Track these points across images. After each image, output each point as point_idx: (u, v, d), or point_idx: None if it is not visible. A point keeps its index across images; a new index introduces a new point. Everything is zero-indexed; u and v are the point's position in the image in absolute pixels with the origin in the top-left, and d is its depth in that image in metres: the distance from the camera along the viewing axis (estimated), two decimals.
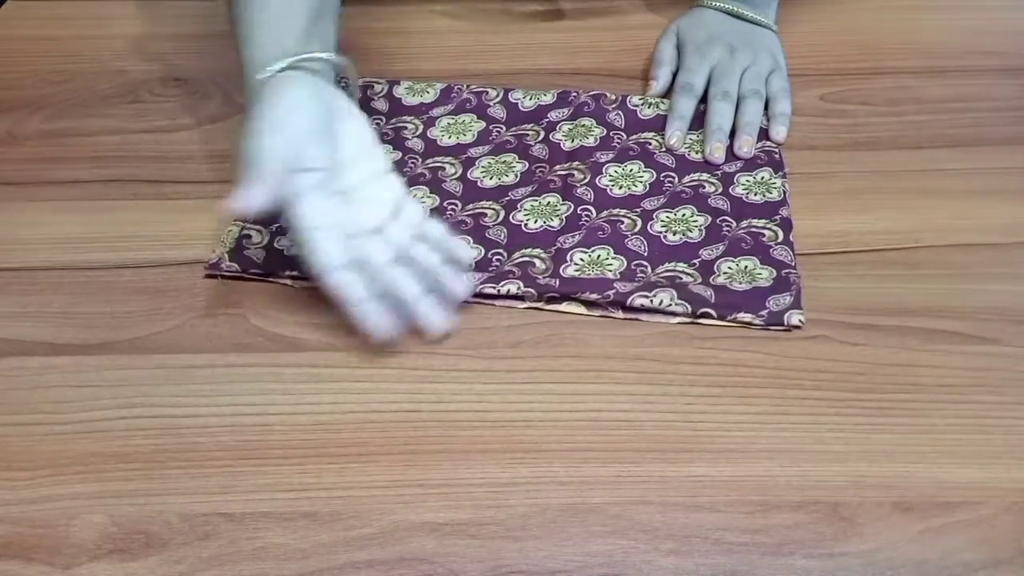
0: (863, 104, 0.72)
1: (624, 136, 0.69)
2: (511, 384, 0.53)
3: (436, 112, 0.71)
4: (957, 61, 0.76)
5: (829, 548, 0.46)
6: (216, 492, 0.49)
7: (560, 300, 0.57)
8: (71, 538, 0.47)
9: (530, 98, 0.72)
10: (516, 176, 0.66)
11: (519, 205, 0.63)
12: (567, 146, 0.68)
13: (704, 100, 0.70)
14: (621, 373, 0.54)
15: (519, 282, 0.57)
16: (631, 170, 0.66)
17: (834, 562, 0.45)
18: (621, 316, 0.57)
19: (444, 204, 0.64)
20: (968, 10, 0.81)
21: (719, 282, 0.58)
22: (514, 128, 0.70)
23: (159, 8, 0.83)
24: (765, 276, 0.58)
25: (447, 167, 0.67)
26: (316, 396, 0.53)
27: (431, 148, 0.68)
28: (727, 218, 0.62)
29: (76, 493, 0.49)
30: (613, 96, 0.71)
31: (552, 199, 0.63)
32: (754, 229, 0.61)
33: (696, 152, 0.67)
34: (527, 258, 0.59)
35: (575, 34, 0.80)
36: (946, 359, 0.54)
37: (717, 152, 0.66)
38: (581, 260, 0.59)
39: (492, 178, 0.66)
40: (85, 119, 0.72)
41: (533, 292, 0.57)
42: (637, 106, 0.71)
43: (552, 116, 0.70)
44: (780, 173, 0.65)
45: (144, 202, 0.65)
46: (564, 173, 0.65)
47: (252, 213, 0.52)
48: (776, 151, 0.67)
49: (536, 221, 0.62)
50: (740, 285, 0.57)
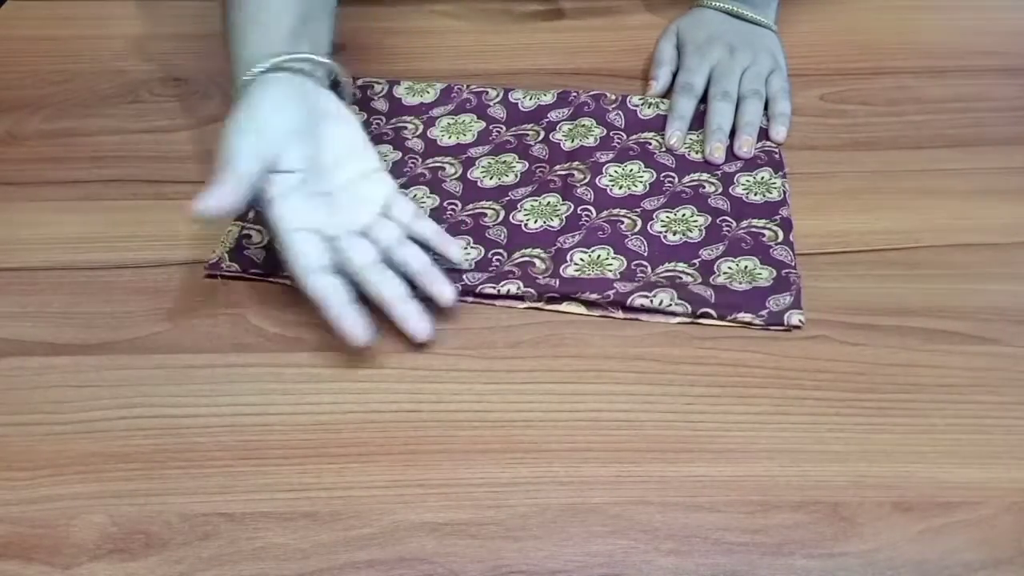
0: (863, 104, 0.72)
1: (624, 136, 0.69)
2: (511, 384, 0.53)
3: (436, 112, 0.71)
4: (957, 61, 0.76)
5: (829, 548, 0.46)
6: (216, 492, 0.49)
7: (560, 300, 0.57)
8: (71, 538, 0.47)
9: (530, 98, 0.72)
10: (516, 176, 0.66)
11: (519, 205, 0.63)
12: (567, 146, 0.68)
13: (704, 100, 0.71)
14: (621, 373, 0.54)
15: (519, 282, 0.57)
16: (631, 170, 0.66)
17: (834, 562, 0.45)
18: (621, 316, 0.57)
19: (444, 204, 0.64)
20: (968, 10, 0.81)
21: (719, 282, 0.58)
22: (514, 128, 0.70)
23: (159, 8, 0.83)
24: (765, 276, 0.58)
25: (447, 167, 0.67)
26: (316, 396, 0.53)
27: (431, 148, 0.68)
28: (727, 218, 0.62)
29: (76, 493, 0.49)
30: (613, 96, 0.71)
31: (552, 199, 0.63)
32: (754, 229, 0.61)
33: (696, 152, 0.67)
34: (527, 258, 0.59)
35: (575, 34, 0.80)
36: (946, 359, 0.54)
37: (717, 152, 0.66)
38: (581, 260, 0.59)
39: (492, 178, 0.66)
40: (85, 119, 0.72)
41: (533, 292, 0.57)
42: (637, 106, 0.71)
43: (552, 116, 0.70)
44: (780, 173, 0.65)
45: (144, 202, 0.65)
46: (564, 173, 0.65)
47: (221, 214, 0.51)
48: (776, 151, 0.67)
49: (536, 221, 0.62)
50: (740, 285, 0.57)
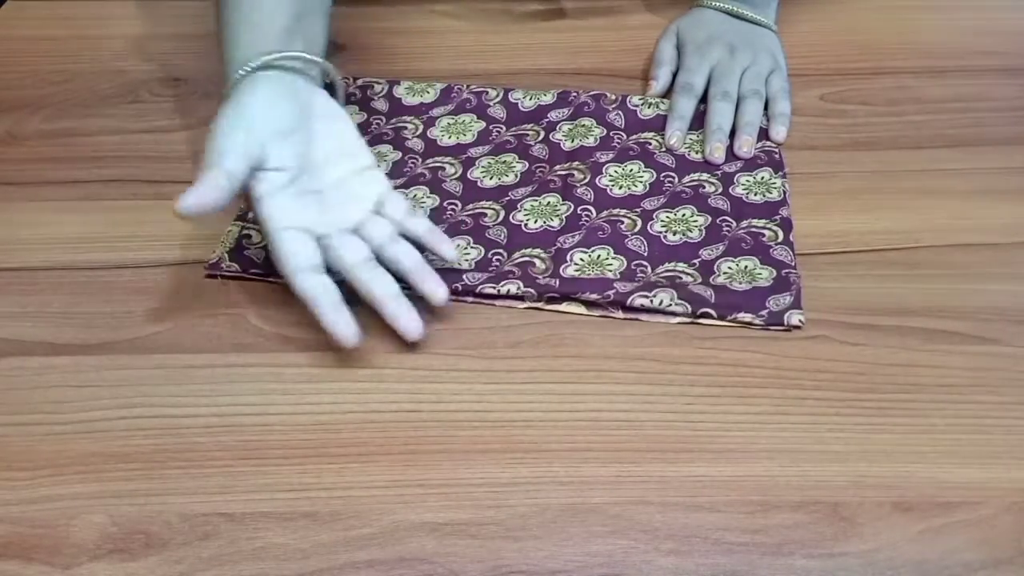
0: (863, 104, 0.72)
1: (624, 136, 0.69)
2: (511, 384, 0.53)
3: (436, 112, 0.71)
4: (957, 61, 0.76)
5: (829, 548, 0.46)
6: (216, 492, 0.49)
7: (560, 300, 0.57)
8: (71, 538, 0.47)
9: (530, 98, 0.72)
10: (516, 176, 0.66)
11: (519, 205, 0.63)
12: (567, 146, 0.68)
13: (704, 100, 0.71)
14: (621, 373, 0.54)
15: (519, 282, 0.57)
16: (631, 170, 0.66)
17: (834, 562, 0.45)
18: (621, 316, 0.57)
19: (444, 204, 0.64)
20: (968, 10, 0.81)
21: (719, 282, 0.58)
22: (514, 128, 0.70)
23: (159, 8, 0.83)
24: (765, 276, 0.58)
25: (447, 167, 0.67)
26: (316, 396, 0.53)
27: (431, 148, 0.68)
28: (727, 218, 0.62)
29: (76, 493, 0.49)
30: (613, 96, 0.71)
31: (552, 199, 0.63)
32: (754, 229, 0.61)
33: (696, 152, 0.67)
34: (527, 258, 0.59)
35: (575, 34, 0.80)
36: (946, 359, 0.54)
37: (717, 152, 0.66)
38: (581, 260, 0.59)
39: (492, 178, 0.66)
40: (85, 119, 0.72)
41: (533, 292, 0.57)
42: (637, 106, 0.71)
43: (552, 116, 0.70)
44: (780, 173, 0.65)
45: (144, 202, 0.65)
46: (564, 173, 0.65)
47: (207, 211, 0.51)
48: (776, 151, 0.67)
49: (536, 221, 0.62)
50: (740, 285, 0.57)
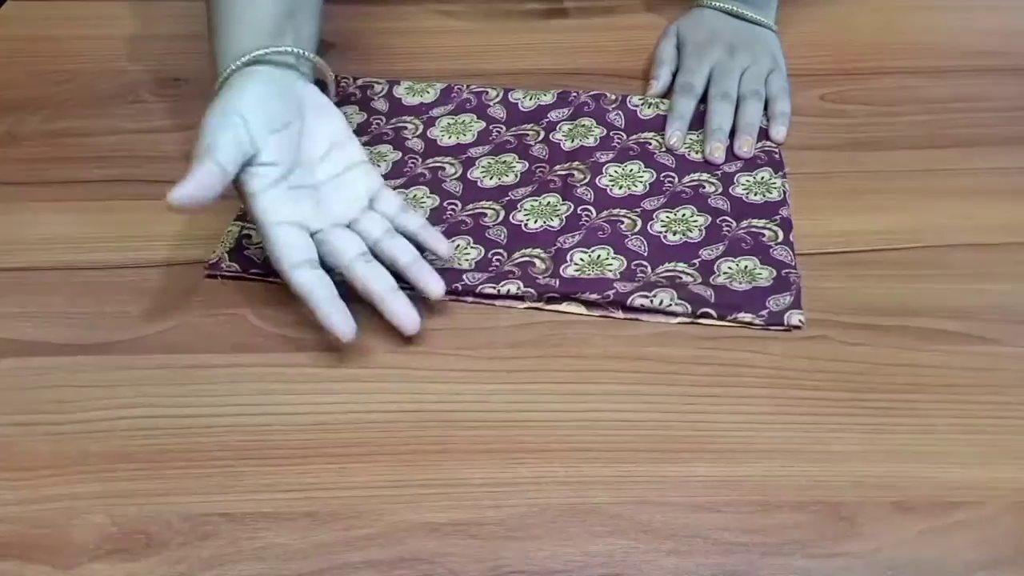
0: (863, 104, 0.72)
1: (624, 136, 0.69)
2: (511, 384, 0.53)
3: (436, 112, 0.71)
4: (957, 61, 0.76)
5: (829, 548, 0.46)
6: (216, 492, 0.49)
7: (560, 300, 0.57)
8: (71, 538, 0.47)
9: (530, 98, 0.72)
10: (516, 176, 0.66)
11: (519, 205, 0.63)
12: (567, 146, 0.68)
13: (704, 100, 0.71)
14: (621, 373, 0.54)
15: (519, 282, 0.57)
16: (631, 170, 0.66)
17: (834, 562, 0.45)
18: (621, 316, 0.57)
19: (444, 204, 0.64)
20: (968, 10, 0.81)
21: (719, 282, 0.58)
22: (514, 128, 0.70)
23: (159, 8, 0.83)
24: (765, 276, 0.58)
25: (447, 167, 0.67)
26: (316, 396, 0.53)
27: (431, 148, 0.68)
28: (727, 218, 0.62)
29: (76, 493, 0.49)
30: (613, 96, 0.71)
31: (552, 199, 0.63)
32: (754, 229, 0.61)
33: (696, 152, 0.67)
34: (527, 258, 0.59)
35: (575, 34, 0.80)
36: (946, 359, 0.54)
37: (717, 152, 0.66)
38: (581, 260, 0.59)
39: (492, 178, 0.66)
40: (85, 119, 0.72)
41: (533, 292, 0.57)
42: (637, 106, 0.71)
43: (552, 116, 0.70)
44: (780, 173, 0.65)
45: (144, 202, 0.64)
46: (564, 173, 0.65)
47: (197, 204, 0.51)
48: (776, 151, 0.67)
49: (536, 221, 0.62)
50: (740, 285, 0.57)
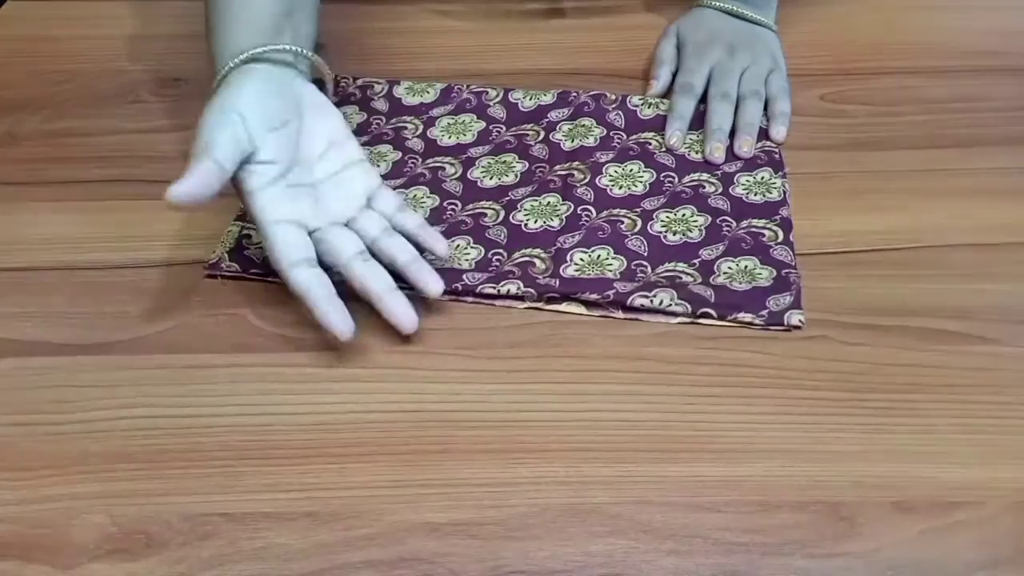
0: (863, 104, 0.72)
1: (624, 136, 0.69)
2: (511, 384, 0.53)
3: (436, 112, 0.71)
4: (957, 61, 0.76)
5: (829, 548, 0.46)
6: (216, 492, 0.49)
7: (560, 300, 0.57)
8: (71, 538, 0.47)
9: (530, 98, 0.72)
10: (516, 176, 0.66)
11: (519, 205, 0.63)
12: (567, 146, 0.68)
13: (704, 100, 0.71)
14: (621, 373, 0.54)
15: (519, 282, 0.57)
16: (631, 170, 0.66)
17: (834, 562, 0.45)
18: (621, 316, 0.57)
19: (444, 204, 0.64)
20: (968, 10, 0.81)
21: (719, 282, 0.58)
22: (514, 128, 0.70)
23: (159, 8, 0.83)
24: (765, 276, 0.58)
25: (447, 167, 0.67)
26: (316, 396, 0.53)
27: (431, 148, 0.68)
28: (727, 218, 0.62)
29: (76, 493, 0.49)
30: (613, 96, 0.71)
31: (552, 199, 0.63)
32: (754, 229, 0.61)
33: (696, 152, 0.67)
34: (527, 258, 0.59)
35: (575, 34, 0.80)
36: (946, 359, 0.54)
37: (717, 152, 0.66)
38: (581, 260, 0.59)
39: (492, 178, 0.66)
40: (85, 119, 0.72)
41: (533, 292, 0.57)
42: (637, 106, 0.71)
43: (552, 116, 0.70)
44: (780, 173, 0.65)
45: (144, 202, 0.64)
46: (564, 173, 0.65)
47: (196, 201, 0.51)
48: (776, 151, 0.67)
49: (536, 221, 0.62)
50: (740, 285, 0.57)
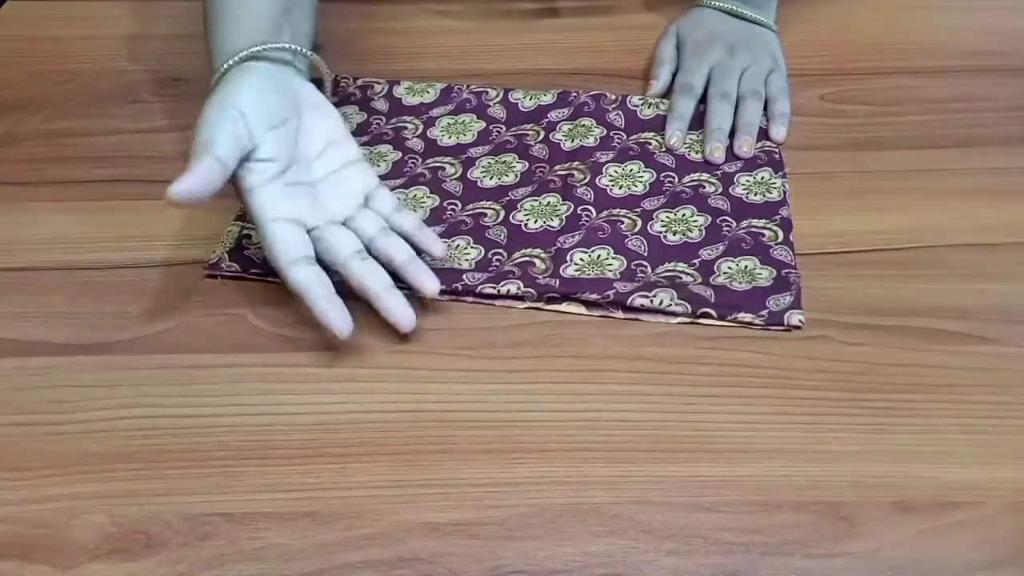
0: (863, 104, 0.72)
1: (624, 136, 0.69)
2: (511, 384, 0.53)
3: (436, 112, 0.71)
4: (957, 61, 0.76)
5: (829, 548, 0.46)
6: (216, 492, 0.49)
7: (560, 300, 0.57)
8: (71, 538, 0.47)
9: (530, 98, 0.72)
10: (516, 176, 0.66)
11: (519, 205, 0.63)
12: (567, 146, 0.68)
13: (704, 100, 0.71)
14: (621, 373, 0.54)
15: (519, 282, 0.57)
16: (631, 170, 0.66)
17: (834, 562, 0.45)
18: (621, 316, 0.57)
19: (444, 204, 0.64)
20: (968, 10, 0.81)
21: (719, 282, 0.58)
22: (514, 128, 0.70)
23: (159, 8, 0.83)
24: (765, 276, 0.58)
25: (447, 167, 0.67)
26: (316, 396, 0.53)
27: (431, 148, 0.68)
28: (727, 218, 0.62)
29: (76, 493, 0.49)
30: (613, 96, 0.71)
31: (552, 199, 0.63)
32: (754, 229, 0.61)
33: (696, 152, 0.67)
34: (527, 258, 0.59)
35: (575, 34, 0.80)
36: (947, 359, 0.54)
37: (717, 152, 0.66)
38: (581, 260, 0.59)
39: (492, 178, 0.66)
40: (85, 119, 0.72)
41: (533, 292, 0.57)
42: (637, 106, 0.71)
43: (552, 116, 0.70)
44: (780, 173, 0.65)
45: (144, 202, 0.64)
46: (564, 173, 0.65)
47: (197, 199, 0.51)
48: (776, 151, 0.67)
49: (536, 221, 0.62)
50: (740, 285, 0.57)
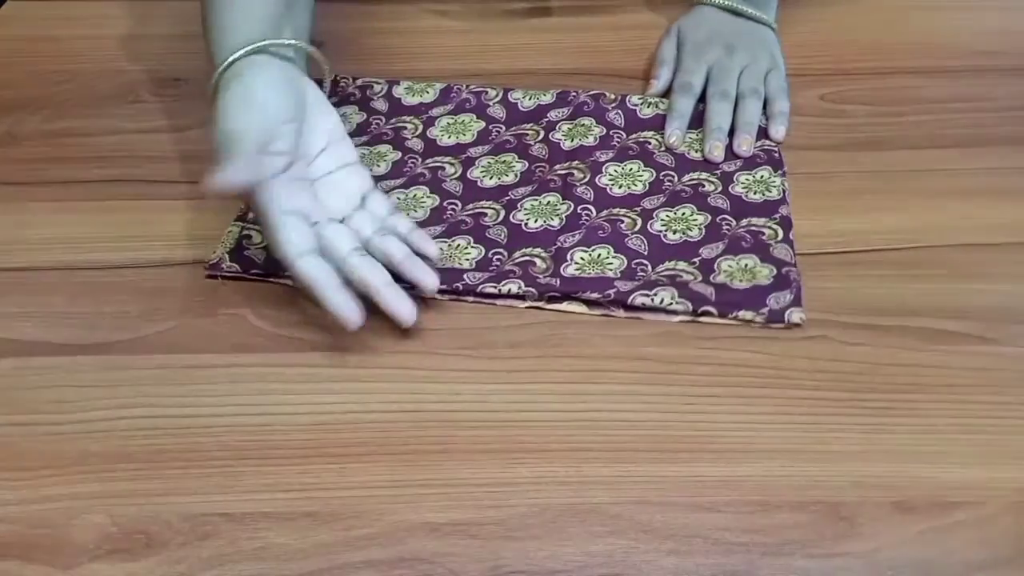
0: (863, 104, 0.72)
1: (624, 135, 0.69)
2: (511, 384, 0.53)
3: (436, 112, 0.71)
4: (957, 61, 0.76)
5: (829, 548, 0.46)
6: (216, 492, 0.49)
7: (561, 299, 0.57)
8: (71, 538, 0.47)
9: (530, 98, 0.72)
10: (516, 176, 0.66)
11: (519, 205, 0.63)
12: (567, 145, 0.68)
13: (703, 99, 0.71)
14: (621, 373, 0.54)
15: (520, 281, 0.57)
16: (631, 169, 0.66)
17: (834, 562, 0.45)
18: (622, 315, 0.57)
19: (444, 204, 0.64)
20: (969, 10, 0.81)
21: (719, 280, 0.58)
22: (514, 128, 0.70)
23: (159, 8, 0.83)
24: (765, 274, 0.58)
25: (447, 167, 0.67)
26: (316, 396, 0.53)
27: (431, 148, 0.68)
28: (727, 217, 0.62)
29: (76, 493, 0.49)
30: (612, 95, 0.71)
31: (552, 198, 0.63)
32: (754, 228, 0.61)
33: (696, 151, 0.67)
34: (527, 257, 0.59)
35: (575, 34, 0.80)
36: (947, 359, 0.54)
37: (716, 151, 0.66)
38: (581, 259, 0.59)
39: (492, 178, 0.66)
40: (85, 119, 0.72)
41: (534, 292, 0.57)
42: (636, 105, 0.71)
43: (552, 116, 0.70)
44: (779, 172, 0.65)
45: (144, 202, 0.65)
46: (564, 172, 0.65)
47: (233, 190, 0.52)
48: (775, 150, 0.67)
49: (536, 220, 0.62)
50: (740, 283, 0.57)
